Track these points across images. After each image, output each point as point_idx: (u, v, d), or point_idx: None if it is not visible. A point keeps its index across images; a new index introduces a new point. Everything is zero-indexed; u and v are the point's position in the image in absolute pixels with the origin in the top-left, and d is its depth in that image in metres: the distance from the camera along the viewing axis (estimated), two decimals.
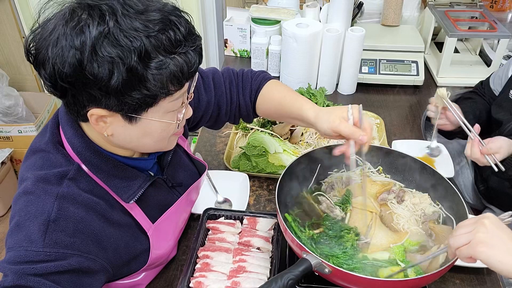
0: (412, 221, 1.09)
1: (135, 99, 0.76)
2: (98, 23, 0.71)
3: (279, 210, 1.00)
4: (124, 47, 0.71)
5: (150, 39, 0.73)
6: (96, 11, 0.72)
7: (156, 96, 0.77)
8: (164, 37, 0.74)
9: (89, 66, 0.71)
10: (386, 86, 1.93)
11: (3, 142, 2.60)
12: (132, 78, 0.73)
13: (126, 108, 0.77)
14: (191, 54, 0.78)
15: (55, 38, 0.72)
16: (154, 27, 0.73)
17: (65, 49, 0.71)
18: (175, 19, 0.76)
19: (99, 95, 0.74)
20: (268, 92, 1.16)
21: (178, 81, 0.78)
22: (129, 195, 0.90)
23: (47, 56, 0.73)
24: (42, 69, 0.75)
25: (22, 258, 0.77)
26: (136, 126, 0.82)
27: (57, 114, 0.90)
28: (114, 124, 0.81)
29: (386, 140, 1.56)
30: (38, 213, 0.80)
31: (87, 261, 0.82)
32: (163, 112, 0.82)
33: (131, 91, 0.74)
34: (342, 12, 1.76)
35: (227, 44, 2.14)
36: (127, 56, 0.71)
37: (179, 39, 0.76)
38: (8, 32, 2.74)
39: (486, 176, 1.58)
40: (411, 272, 0.96)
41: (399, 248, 1.02)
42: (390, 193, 1.15)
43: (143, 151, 0.94)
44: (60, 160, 0.86)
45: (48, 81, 0.75)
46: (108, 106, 0.77)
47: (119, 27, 0.71)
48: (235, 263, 1.06)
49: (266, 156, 1.42)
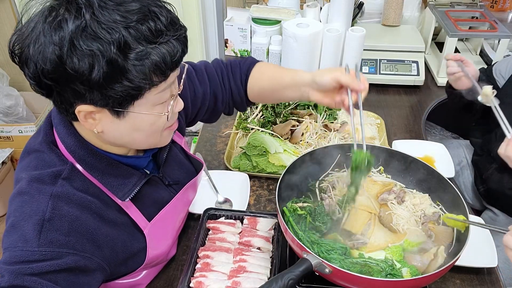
0: (411, 222, 1.09)
1: (118, 91, 0.75)
2: (75, 16, 0.71)
3: (279, 210, 1.00)
4: (103, 40, 0.71)
5: (130, 30, 0.72)
6: (73, 5, 0.72)
7: (140, 87, 0.77)
8: (144, 27, 0.73)
9: (69, 60, 0.71)
10: (386, 86, 1.93)
11: (3, 142, 2.60)
12: (113, 70, 0.72)
13: (111, 102, 0.77)
14: (173, 43, 0.77)
15: (36, 36, 0.72)
16: (133, 17, 0.73)
17: (45, 45, 0.71)
18: (155, 9, 0.76)
19: (83, 90, 0.74)
20: (258, 72, 1.17)
21: (161, 72, 0.77)
22: (124, 193, 0.90)
23: (29, 55, 0.73)
24: (25, 68, 0.75)
25: (18, 258, 0.77)
26: (125, 121, 0.81)
27: (50, 114, 0.91)
28: (103, 120, 0.81)
29: (387, 140, 1.56)
30: (33, 213, 0.80)
31: (83, 260, 0.82)
32: (150, 104, 0.82)
33: (114, 83, 0.74)
34: (343, 12, 1.76)
35: (227, 44, 2.14)
36: (106, 48, 0.71)
37: (159, 29, 0.75)
38: (9, 32, 2.74)
39: (486, 177, 1.58)
40: (407, 273, 0.96)
41: (397, 248, 1.02)
42: (391, 193, 1.15)
43: (136, 147, 0.94)
44: (54, 160, 0.86)
45: (32, 80, 0.76)
46: (93, 101, 0.76)
47: (96, 19, 0.71)
48: (235, 263, 1.06)
49: (266, 156, 1.42)
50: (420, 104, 1.85)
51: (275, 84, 1.13)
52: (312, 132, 1.53)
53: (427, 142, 1.58)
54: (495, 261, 1.11)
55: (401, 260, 1.00)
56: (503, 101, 1.50)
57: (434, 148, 1.53)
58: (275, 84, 1.13)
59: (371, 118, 1.64)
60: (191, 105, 1.13)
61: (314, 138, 1.52)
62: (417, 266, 0.99)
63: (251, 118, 1.61)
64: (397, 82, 1.91)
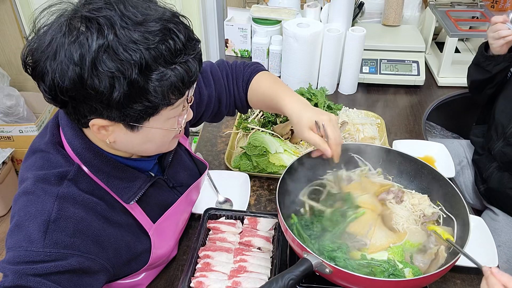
0: (411, 221, 1.09)
1: (136, 110, 0.76)
2: (97, 37, 0.70)
3: (279, 210, 1.00)
4: (124, 61, 0.70)
5: (150, 51, 0.72)
6: (94, 24, 0.70)
7: (158, 106, 0.77)
8: (164, 47, 0.73)
9: (90, 81, 0.70)
10: (387, 86, 1.93)
11: (4, 142, 2.60)
12: (134, 91, 0.73)
13: (128, 119, 0.77)
14: (191, 63, 0.77)
15: (53, 51, 0.71)
16: (154, 38, 0.72)
17: (64, 63, 0.70)
18: (173, 27, 0.75)
19: (100, 108, 0.74)
20: (256, 84, 1.17)
21: (179, 91, 0.78)
22: (129, 196, 0.90)
23: (46, 70, 0.72)
24: (41, 82, 0.74)
25: (22, 258, 0.77)
26: (138, 134, 0.82)
27: (57, 115, 0.90)
28: (116, 132, 0.81)
29: (387, 140, 1.56)
30: (38, 213, 0.80)
31: (87, 261, 0.82)
32: (164, 119, 0.82)
33: (133, 103, 0.74)
34: (343, 12, 1.76)
35: (228, 44, 2.14)
36: (127, 69, 0.70)
37: (179, 48, 0.75)
38: (9, 32, 2.74)
39: (486, 177, 1.58)
40: (409, 273, 0.96)
41: (398, 248, 1.02)
42: (389, 193, 1.15)
43: (144, 154, 0.94)
44: (60, 160, 0.86)
45: (48, 94, 0.75)
46: (110, 117, 0.77)
47: (118, 40, 0.70)
48: (235, 263, 1.06)
49: (267, 156, 1.42)
50: (420, 104, 1.85)
51: (267, 103, 1.16)
52: None
53: (428, 142, 1.58)
54: (495, 261, 1.11)
55: (403, 261, 1.00)
56: (503, 100, 1.51)
57: (435, 148, 1.53)
58: (267, 103, 1.16)
59: (371, 118, 1.64)
60: (196, 108, 1.13)
61: None
62: (419, 266, 0.99)
63: (252, 118, 1.61)
64: (398, 82, 1.91)
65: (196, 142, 1.60)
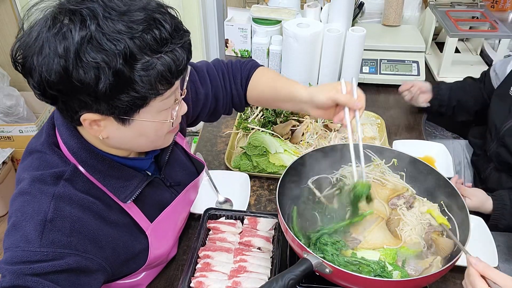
0: (416, 231, 1.06)
1: (124, 101, 0.75)
2: (79, 28, 0.70)
3: (279, 210, 1.00)
4: (108, 51, 0.70)
5: (135, 41, 0.71)
6: (77, 16, 0.71)
7: (146, 97, 0.77)
8: (149, 36, 0.73)
9: (75, 72, 0.70)
10: (387, 86, 1.93)
11: (4, 142, 2.60)
12: (120, 82, 0.72)
13: (117, 111, 0.77)
14: (178, 52, 0.77)
15: (40, 46, 0.71)
16: (138, 27, 0.72)
17: (50, 57, 0.70)
18: (159, 17, 0.75)
19: (89, 101, 0.74)
20: (259, 78, 1.17)
21: (167, 81, 0.77)
22: (126, 195, 0.90)
23: (33, 65, 0.72)
24: (30, 77, 0.75)
25: (20, 258, 0.77)
26: (130, 128, 0.82)
27: (53, 115, 0.91)
28: (108, 127, 0.81)
29: (387, 140, 1.56)
30: (35, 213, 0.80)
31: (84, 261, 0.82)
32: (155, 111, 0.82)
33: (120, 94, 0.74)
34: (343, 12, 1.76)
35: (228, 44, 2.14)
36: (112, 60, 0.70)
37: (165, 37, 0.75)
38: (9, 32, 2.74)
39: (485, 177, 1.58)
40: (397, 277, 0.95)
41: (392, 250, 1.01)
42: (400, 198, 1.13)
43: (139, 150, 0.94)
44: (56, 161, 0.86)
45: (37, 90, 0.75)
46: (99, 111, 0.76)
47: (101, 30, 0.70)
48: (235, 263, 1.06)
49: (267, 156, 1.42)
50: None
51: (272, 95, 1.14)
52: (312, 132, 1.53)
53: (427, 142, 1.58)
54: (495, 261, 1.11)
55: (393, 263, 0.99)
56: (500, 101, 1.51)
57: (434, 148, 1.53)
58: (273, 95, 1.14)
59: (371, 118, 1.64)
60: (192, 107, 1.13)
61: (314, 138, 1.52)
62: (410, 272, 0.98)
63: (252, 118, 1.61)
64: (398, 82, 1.91)
65: (196, 142, 1.60)
